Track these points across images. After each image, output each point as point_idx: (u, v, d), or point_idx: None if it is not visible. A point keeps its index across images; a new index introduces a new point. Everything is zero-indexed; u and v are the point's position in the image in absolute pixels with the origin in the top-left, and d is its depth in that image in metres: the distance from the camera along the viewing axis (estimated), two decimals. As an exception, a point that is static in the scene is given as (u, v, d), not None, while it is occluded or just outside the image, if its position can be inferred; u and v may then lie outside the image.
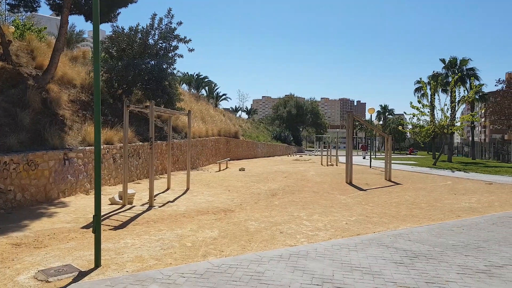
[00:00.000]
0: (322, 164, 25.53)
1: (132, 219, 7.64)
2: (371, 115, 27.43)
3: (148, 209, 8.64)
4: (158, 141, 16.05)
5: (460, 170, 21.83)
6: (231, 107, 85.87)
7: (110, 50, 16.60)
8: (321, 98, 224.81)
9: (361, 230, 7.03)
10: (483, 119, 57.58)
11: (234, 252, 5.42)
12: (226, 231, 6.66)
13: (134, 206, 9.03)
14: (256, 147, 36.81)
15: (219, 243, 5.91)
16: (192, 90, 53.87)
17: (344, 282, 4.28)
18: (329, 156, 27.31)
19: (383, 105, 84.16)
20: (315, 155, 43.24)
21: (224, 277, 4.31)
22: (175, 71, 18.94)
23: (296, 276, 4.39)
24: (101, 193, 10.31)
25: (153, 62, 17.21)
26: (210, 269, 4.56)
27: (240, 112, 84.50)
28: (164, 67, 17.45)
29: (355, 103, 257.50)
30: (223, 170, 20.08)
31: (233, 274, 4.41)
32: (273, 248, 5.65)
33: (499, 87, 33.47)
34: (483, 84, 38.05)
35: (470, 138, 54.59)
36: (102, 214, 7.85)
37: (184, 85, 52.78)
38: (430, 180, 16.40)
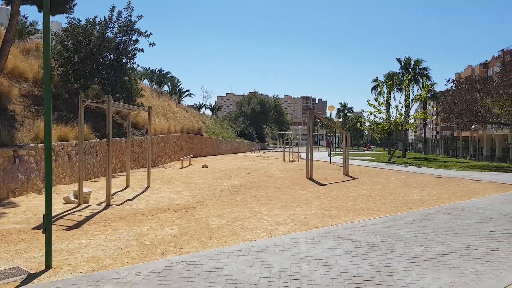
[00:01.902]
0: (284, 161, 25.88)
1: (88, 218, 7.40)
2: (331, 113, 28.14)
3: (105, 208, 8.40)
4: (117, 138, 15.60)
5: (413, 165, 22.94)
6: (194, 104, 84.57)
7: (66, 42, 15.87)
8: (284, 95, 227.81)
9: (319, 223, 7.23)
10: (434, 117, 60.65)
11: (194, 249, 5.39)
12: (186, 228, 6.62)
13: (91, 205, 8.74)
14: (220, 144, 36.66)
15: (179, 240, 5.86)
16: (154, 85, 52.56)
17: (301, 274, 4.39)
18: (291, 153, 27.72)
19: (342, 103, 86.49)
20: (278, 151, 43.74)
21: (182, 274, 4.28)
22: (135, 66, 18.49)
23: (255, 270, 4.45)
24: (56, 192, 9.96)
25: (112, 56, 16.70)
26: (168, 266, 4.51)
27: (204, 108, 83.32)
28: (124, 61, 16.99)
29: (317, 101, 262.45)
30: (185, 167, 19.85)
31: (192, 271, 4.39)
32: (234, 244, 5.68)
33: (449, 86, 35.31)
34: (434, 84, 40.26)
35: (423, 134, 57.49)
36: (55, 214, 7.58)
37: (145, 80, 51.39)
38: (385, 174, 17.11)
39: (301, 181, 14.21)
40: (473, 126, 38.87)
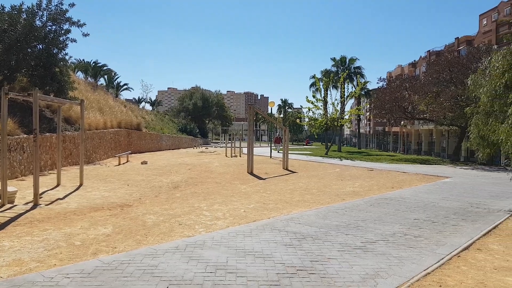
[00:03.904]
0: (226, 156, 25.90)
1: (12, 219, 6.86)
2: (271, 108, 28.65)
3: (32, 208, 7.84)
4: (47, 133, 14.59)
5: (347, 159, 24.20)
6: (134, 98, 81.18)
7: (-13, 30, 14.46)
8: (227, 91, 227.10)
9: (258, 216, 7.38)
10: (368, 113, 64.25)
11: (128, 248, 5.24)
12: (121, 227, 6.40)
13: (16, 205, 8.11)
14: (161, 140, 35.72)
15: (113, 239, 5.66)
16: (89, 78, 49.68)
17: (237, 267, 4.46)
18: (233, 148, 27.83)
19: (283, 99, 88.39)
20: (220, 147, 43.64)
21: (114, 274, 4.14)
22: (67, 57, 17.41)
23: (191, 266, 4.44)
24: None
25: (41, 46, 15.59)
26: (99, 267, 4.35)
27: (143, 103, 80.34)
28: (54, 52, 15.92)
29: (259, 97, 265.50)
30: (123, 164, 19.10)
31: (125, 270, 4.27)
32: (170, 241, 5.61)
33: (381, 84, 37.61)
34: (368, 82, 42.66)
35: (357, 130, 60.81)
36: (-28, 216, 6.92)
37: (79, 73, 48.42)
38: (322, 168, 17.86)
39: (242, 176, 14.35)
40: (402, 122, 41.85)
